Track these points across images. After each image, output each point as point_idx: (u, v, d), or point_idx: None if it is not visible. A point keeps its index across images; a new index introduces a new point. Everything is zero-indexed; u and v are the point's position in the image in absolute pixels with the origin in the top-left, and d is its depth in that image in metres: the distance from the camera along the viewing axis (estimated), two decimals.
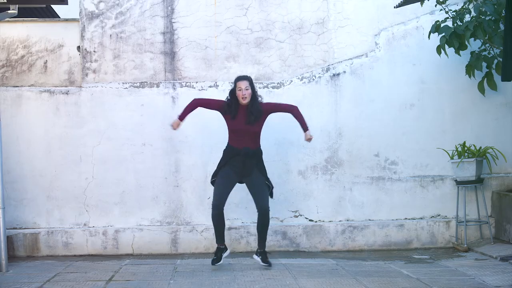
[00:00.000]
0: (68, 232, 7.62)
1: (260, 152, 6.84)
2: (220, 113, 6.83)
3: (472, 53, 7.59)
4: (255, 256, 6.78)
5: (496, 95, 7.89)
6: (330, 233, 7.80)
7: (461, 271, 6.53)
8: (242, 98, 6.68)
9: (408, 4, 7.56)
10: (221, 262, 6.75)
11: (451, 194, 7.89)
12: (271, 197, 6.92)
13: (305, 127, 6.78)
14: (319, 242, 7.80)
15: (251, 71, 7.81)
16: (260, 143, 6.85)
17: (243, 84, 6.69)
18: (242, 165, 6.70)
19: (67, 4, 7.06)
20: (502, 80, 5.91)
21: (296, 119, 6.82)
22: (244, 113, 6.71)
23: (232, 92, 6.78)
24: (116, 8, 7.76)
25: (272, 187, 6.89)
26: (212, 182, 6.87)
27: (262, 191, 6.72)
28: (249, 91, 6.70)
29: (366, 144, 7.88)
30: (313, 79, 7.87)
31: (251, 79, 6.82)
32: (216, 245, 6.86)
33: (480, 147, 7.69)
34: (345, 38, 7.89)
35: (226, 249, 6.83)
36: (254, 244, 7.65)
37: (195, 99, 6.94)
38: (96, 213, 7.67)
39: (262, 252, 6.75)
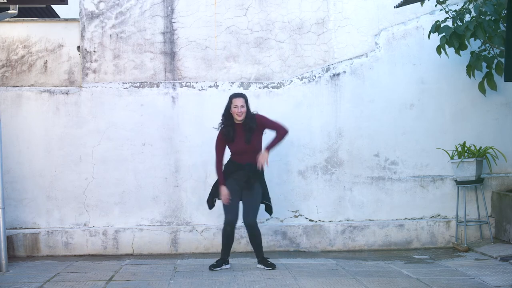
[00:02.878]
0: (68, 232, 7.62)
1: (262, 169, 6.80)
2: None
3: (472, 53, 7.59)
4: (258, 265, 6.76)
5: (496, 95, 7.89)
6: (330, 233, 7.80)
7: (461, 271, 6.53)
8: (237, 114, 6.64)
9: (408, 4, 7.56)
10: (218, 269, 6.69)
11: (451, 194, 7.89)
12: (270, 213, 6.93)
13: (269, 146, 6.68)
14: (319, 242, 7.80)
15: (251, 71, 7.81)
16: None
17: (239, 102, 6.66)
18: (245, 179, 6.68)
19: (67, 4, 7.06)
20: (505, 80, 5.88)
21: (275, 137, 6.71)
22: (242, 133, 6.69)
23: (227, 109, 6.74)
24: (116, 8, 7.76)
25: (270, 210, 6.88)
26: (210, 200, 6.84)
27: (252, 206, 6.68)
28: (245, 108, 6.67)
29: (366, 144, 7.88)
30: (313, 79, 7.87)
31: (247, 97, 6.79)
32: (218, 248, 6.85)
33: (480, 147, 7.69)
34: (345, 38, 7.89)
35: (228, 262, 6.79)
36: None
37: (216, 158, 6.74)
38: (96, 213, 7.67)
39: (262, 259, 6.74)
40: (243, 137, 6.68)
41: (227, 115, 6.74)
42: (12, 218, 7.57)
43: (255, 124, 6.70)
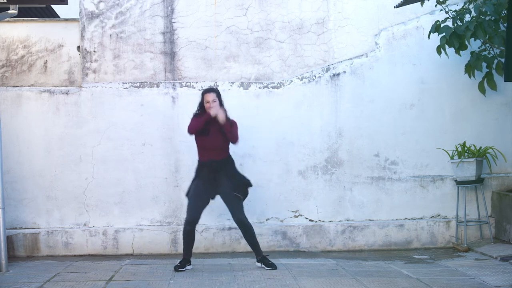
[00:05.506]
0: (68, 232, 7.62)
1: (229, 162, 6.77)
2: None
3: (472, 53, 7.58)
4: (257, 264, 6.75)
5: (496, 95, 7.89)
6: (330, 233, 7.80)
7: (461, 271, 6.53)
8: (210, 109, 6.64)
9: (408, 4, 7.55)
10: (183, 270, 6.63)
11: (451, 194, 7.89)
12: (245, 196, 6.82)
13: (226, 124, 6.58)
14: (319, 242, 7.80)
15: (251, 71, 7.81)
16: (229, 151, 6.81)
17: (210, 97, 6.65)
18: (212, 176, 6.64)
19: (67, 4, 7.05)
20: (506, 81, 5.88)
21: (228, 130, 6.62)
22: (215, 127, 6.64)
23: (201, 105, 6.73)
24: (116, 8, 7.76)
25: (245, 196, 6.76)
26: (188, 196, 6.83)
27: (233, 203, 6.66)
28: (216, 103, 6.65)
29: (366, 144, 7.88)
30: (313, 79, 7.87)
31: (218, 91, 6.77)
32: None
33: (480, 147, 7.69)
34: (345, 38, 7.89)
35: (190, 263, 6.73)
36: None
37: (189, 129, 6.71)
38: (96, 213, 7.67)
39: (261, 258, 6.72)
40: (216, 131, 6.64)
41: (203, 113, 6.70)
42: (12, 218, 7.56)
43: (228, 120, 6.67)
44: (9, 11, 6.89)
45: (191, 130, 6.70)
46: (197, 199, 6.67)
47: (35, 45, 7.71)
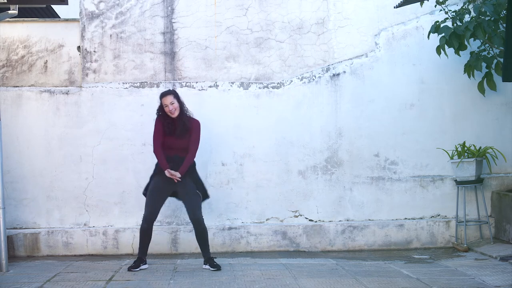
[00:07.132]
0: (68, 232, 7.62)
1: (192, 164, 6.79)
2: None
3: (471, 53, 7.59)
4: (204, 266, 6.72)
5: (496, 95, 7.90)
6: (330, 233, 7.81)
7: (461, 271, 6.53)
8: (170, 112, 6.67)
9: (408, 4, 7.56)
10: (137, 270, 6.62)
11: (451, 194, 7.90)
12: (207, 198, 6.87)
13: (181, 169, 6.65)
14: (319, 242, 7.80)
15: (251, 71, 7.81)
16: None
17: (168, 100, 6.67)
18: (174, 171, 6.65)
19: (67, 4, 7.05)
20: (503, 81, 5.89)
21: (185, 162, 6.66)
22: (177, 128, 6.71)
23: (161, 109, 6.74)
24: (116, 8, 7.76)
25: (206, 196, 6.85)
26: (144, 194, 6.86)
27: (192, 201, 6.69)
28: (175, 104, 6.68)
29: (366, 144, 7.88)
30: (313, 79, 7.87)
31: (176, 92, 6.80)
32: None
33: (480, 147, 7.70)
34: (345, 38, 7.89)
35: (145, 262, 6.74)
36: (254, 244, 7.66)
37: (154, 149, 6.74)
38: (96, 213, 7.68)
39: (208, 259, 6.70)
40: (177, 132, 6.69)
41: (164, 114, 6.74)
42: (12, 218, 7.57)
43: (188, 122, 6.73)
44: (9, 11, 6.90)
45: (156, 148, 6.73)
46: (156, 196, 6.71)
47: (35, 45, 7.72)
